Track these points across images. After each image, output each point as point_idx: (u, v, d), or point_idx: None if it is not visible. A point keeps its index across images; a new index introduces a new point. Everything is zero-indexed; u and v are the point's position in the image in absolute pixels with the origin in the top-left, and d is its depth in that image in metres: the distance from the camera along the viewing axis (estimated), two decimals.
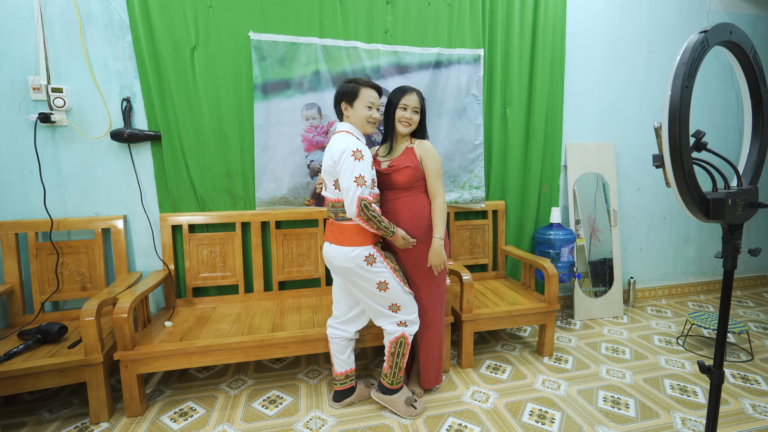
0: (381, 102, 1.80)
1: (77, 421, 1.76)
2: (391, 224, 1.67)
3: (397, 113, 1.77)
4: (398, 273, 1.73)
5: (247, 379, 2.10)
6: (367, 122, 1.70)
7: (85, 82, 2.07)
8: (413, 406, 1.78)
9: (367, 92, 1.68)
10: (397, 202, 1.77)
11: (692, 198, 1.00)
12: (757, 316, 2.89)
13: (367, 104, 1.68)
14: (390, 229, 1.66)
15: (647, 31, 2.95)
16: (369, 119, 1.70)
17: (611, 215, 2.91)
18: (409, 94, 1.77)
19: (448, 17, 2.44)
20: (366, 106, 1.68)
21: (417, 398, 1.83)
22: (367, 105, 1.68)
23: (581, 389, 1.97)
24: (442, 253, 1.73)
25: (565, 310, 2.94)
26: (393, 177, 1.76)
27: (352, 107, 1.69)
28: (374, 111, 1.71)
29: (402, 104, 1.76)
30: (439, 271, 1.77)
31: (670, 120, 0.94)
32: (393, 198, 1.78)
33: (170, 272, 2.18)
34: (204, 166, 2.20)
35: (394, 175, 1.75)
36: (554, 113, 2.72)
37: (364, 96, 1.68)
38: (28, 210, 2.06)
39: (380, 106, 1.77)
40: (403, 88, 1.79)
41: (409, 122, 1.77)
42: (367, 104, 1.68)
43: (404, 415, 1.76)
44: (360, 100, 1.68)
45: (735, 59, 1.08)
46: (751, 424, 1.72)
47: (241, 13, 2.15)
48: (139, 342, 1.80)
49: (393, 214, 1.77)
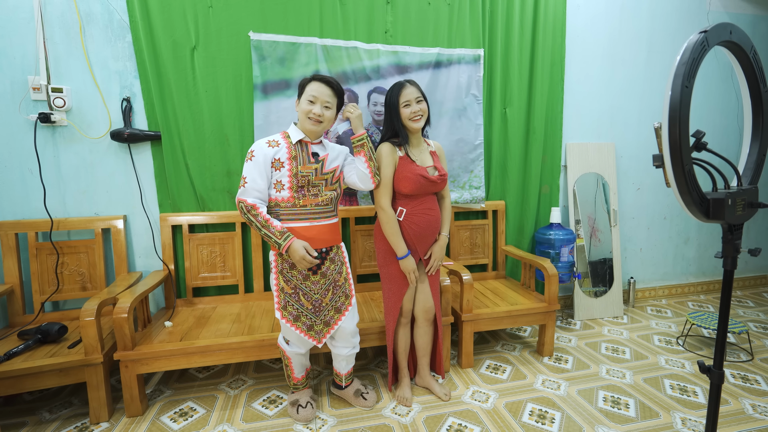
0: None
1: (77, 421, 1.76)
2: (280, 235, 1.53)
3: (404, 112, 1.73)
4: (281, 294, 1.62)
5: (247, 379, 2.10)
6: (307, 118, 1.58)
7: (85, 82, 2.07)
8: (363, 397, 1.85)
9: (313, 87, 1.58)
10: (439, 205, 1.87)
11: (692, 198, 1.00)
12: (757, 316, 2.89)
13: (309, 98, 1.57)
14: (275, 240, 1.53)
15: (647, 31, 2.95)
16: (308, 114, 1.57)
17: (611, 215, 2.91)
18: (405, 88, 1.73)
19: (448, 17, 2.43)
20: (308, 100, 1.58)
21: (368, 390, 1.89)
22: (309, 99, 1.57)
23: (581, 389, 1.97)
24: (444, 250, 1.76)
25: (565, 310, 2.94)
26: (440, 185, 1.81)
27: (298, 103, 1.63)
28: (317, 106, 1.57)
29: (404, 101, 1.72)
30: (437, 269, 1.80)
31: (670, 120, 0.94)
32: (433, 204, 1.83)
33: (170, 272, 2.18)
34: (204, 166, 2.20)
35: (441, 183, 1.81)
36: (554, 113, 2.72)
37: (308, 90, 1.59)
38: (28, 210, 2.06)
39: (328, 103, 1.60)
40: (399, 84, 1.75)
41: (420, 114, 1.74)
42: (309, 98, 1.57)
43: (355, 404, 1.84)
44: (304, 94, 1.60)
45: (735, 59, 1.08)
46: (751, 424, 1.72)
47: (241, 13, 2.15)
48: (139, 342, 1.80)
49: (435, 220, 1.81)
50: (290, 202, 1.60)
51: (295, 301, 1.63)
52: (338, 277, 1.71)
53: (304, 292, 1.63)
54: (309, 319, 1.65)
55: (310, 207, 1.62)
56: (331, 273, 1.68)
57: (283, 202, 1.60)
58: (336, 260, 1.71)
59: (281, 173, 1.58)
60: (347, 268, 1.78)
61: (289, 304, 1.63)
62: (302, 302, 1.63)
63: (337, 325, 1.71)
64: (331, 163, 1.68)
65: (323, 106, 1.59)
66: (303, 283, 1.63)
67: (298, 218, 1.61)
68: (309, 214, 1.62)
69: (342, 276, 1.73)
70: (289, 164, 1.59)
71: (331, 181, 1.68)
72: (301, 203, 1.61)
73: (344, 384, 1.88)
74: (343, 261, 1.76)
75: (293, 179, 1.59)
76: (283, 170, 1.58)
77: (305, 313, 1.64)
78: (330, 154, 1.69)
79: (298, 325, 1.64)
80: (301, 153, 1.62)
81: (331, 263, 1.68)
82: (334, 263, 1.70)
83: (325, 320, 1.69)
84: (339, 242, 1.74)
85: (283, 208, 1.61)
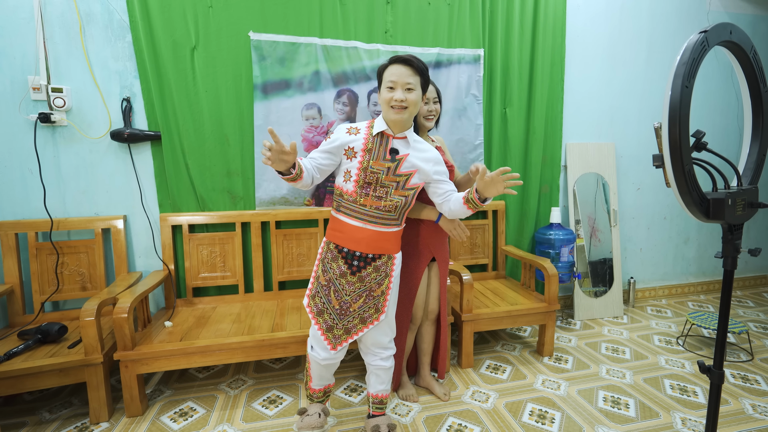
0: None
1: (77, 421, 1.76)
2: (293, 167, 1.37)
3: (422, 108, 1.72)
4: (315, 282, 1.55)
5: (247, 379, 2.10)
6: (389, 107, 1.43)
7: (85, 82, 2.07)
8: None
9: (391, 70, 1.44)
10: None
11: (692, 198, 1.00)
12: (757, 316, 2.89)
13: (388, 84, 1.44)
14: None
15: (647, 31, 2.95)
16: (390, 102, 1.43)
17: (611, 215, 2.91)
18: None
19: (448, 17, 2.44)
20: (387, 87, 1.44)
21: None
22: (388, 86, 1.44)
23: (581, 389, 1.97)
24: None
25: (565, 310, 2.94)
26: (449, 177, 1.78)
27: (379, 93, 1.50)
28: (398, 92, 1.41)
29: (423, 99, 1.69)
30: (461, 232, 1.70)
31: (670, 120, 0.94)
32: None
33: (170, 272, 2.18)
34: (204, 166, 2.20)
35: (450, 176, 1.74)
36: (554, 113, 2.72)
37: (386, 76, 1.45)
38: (28, 210, 2.06)
39: (410, 84, 1.43)
40: None
41: (433, 114, 1.73)
42: (388, 84, 1.44)
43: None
44: (383, 82, 1.46)
45: (735, 59, 1.08)
46: (751, 424, 1.72)
47: (241, 13, 2.15)
48: (139, 342, 1.80)
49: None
50: (352, 197, 1.46)
51: (325, 294, 1.52)
52: (376, 287, 1.53)
53: (336, 288, 1.51)
54: (332, 319, 1.52)
55: (369, 208, 1.46)
56: (370, 281, 1.52)
57: (347, 194, 1.47)
58: (381, 270, 1.53)
59: (352, 163, 1.46)
60: (390, 281, 1.56)
61: (318, 295, 1.54)
62: (331, 298, 1.52)
63: (357, 336, 1.55)
64: (410, 167, 1.49)
65: (405, 90, 1.43)
66: (338, 279, 1.51)
67: (354, 216, 1.47)
68: (366, 215, 1.47)
69: (380, 288, 1.54)
70: (362, 156, 1.45)
71: (404, 186, 1.49)
72: (361, 201, 1.46)
73: (371, 412, 1.67)
74: (389, 274, 1.55)
75: (361, 173, 1.45)
76: (354, 160, 1.46)
77: (330, 311, 1.52)
78: (412, 155, 1.49)
79: (319, 321, 1.53)
80: (378, 147, 1.47)
81: (374, 271, 1.52)
82: (378, 272, 1.52)
83: (347, 327, 1.53)
84: (395, 252, 1.56)
85: (345, 200, 1.48)
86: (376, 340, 1.59)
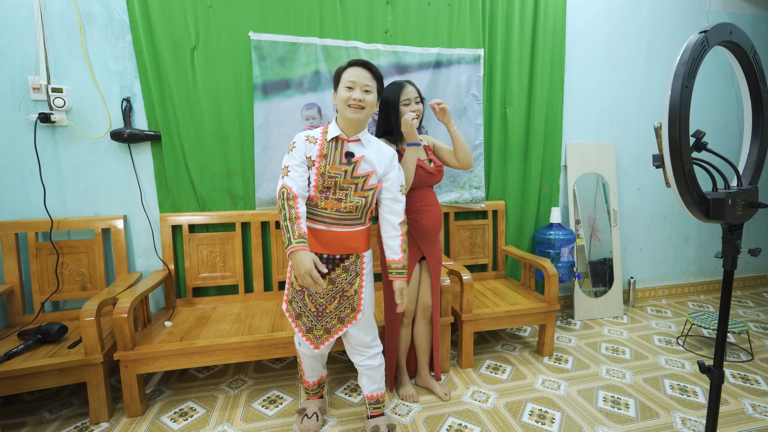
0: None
1: (77, 421, 1.76)
2: (297, 237, 1.38)
3: (404, 110, 1.73)
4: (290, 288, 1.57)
5: (247, 379, 2.10)
6: (347, 105, 1.46)
7: (85, 82, 2.07)
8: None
9: (350, 72, 1.48)
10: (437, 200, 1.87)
11: (692, 198, 1.00)
12: (757, 316, 2.89)
13: (347, 84, 1.47)
14: (288, 236, 1.39)
15: (647, 31, 2.95)
16: (348, 101, 1.46)
17: (611, 215, 2.91)
18: (406, 87, 1.75)
19: (448, 17, 2.43)
20: (345, 87, 1.47)
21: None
22: (347, 86, 1.47)
23: (581, 389, 1.97)
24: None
25: (565, 310, 2.94)
26: (437, 176, 1.82)
27: (335, 95, 1.54)
28: (356, 91, 1.45)
29: (404, 100, 1.73)
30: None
31: (670, 120, 0.94)
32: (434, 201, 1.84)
33: (170, 272, 2.18)
34: (204, 166, 2.20)
35: (438, 175, 1.81)
36: (554, 113, 2.72)
37: (345, 77, 1.49)
38: (28, 210, 2.06)
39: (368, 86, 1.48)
40: (398, 83, 1.76)
41: (419, 114, 1.76)
42: (347, 84, 1.47)
43: None
44: (341, 83, 1.50)
45: (735, 59, 1.08)
46: (751, 424, 1.72)
47: (241, 13, 2.15)
48: (139, 342, 1.80)
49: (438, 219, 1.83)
50: (313, 201, 1.50)
51: (300, 299, 1.56)
52: (348, 287, 1.56)
53: (309, 293, 1.55)
54: (310, 321, 1.57)
55: (330, 211, 1.50)
56: (341, 282, 1.55)
57: (310, 200, 1.51)
58: (351, 270, 1.56)
59: (311, 171, 1.49)
60: (362, 280, 1.58)
61: (294, 300, 1.57)
62: (306, 302, 1.55)
63: (338, 335, 1.60)
64: (367, 167, 1.52)
65: (363, 91, 1.47)
66: None
67: (317, 220, 1.52)
68: (328, 218, 1.51)
69: (353, 288, 1.57)
70: (319, 162, 1.49)
71: (362, 187, 1.52)
72: (322, 205, 1.50)
73: (369, 413, 1.69)
74: (359, 273, 1.57)
75: (319, 179, 1.48)
76: (313, 168, 1.49)
77: (307, 314, 1.58)
78: (367, 156, 1.52)
79: (299, 324, 1.57)
80: (334, 151, 1.50)
81: (343, 272, 1.55)
82: (347, 272, 1.55)
83: (327, 327, 1.57)
84: (362, 251, 1.58)
85: (308, 206, 1.52)
86: (359, 340, 1.63)
